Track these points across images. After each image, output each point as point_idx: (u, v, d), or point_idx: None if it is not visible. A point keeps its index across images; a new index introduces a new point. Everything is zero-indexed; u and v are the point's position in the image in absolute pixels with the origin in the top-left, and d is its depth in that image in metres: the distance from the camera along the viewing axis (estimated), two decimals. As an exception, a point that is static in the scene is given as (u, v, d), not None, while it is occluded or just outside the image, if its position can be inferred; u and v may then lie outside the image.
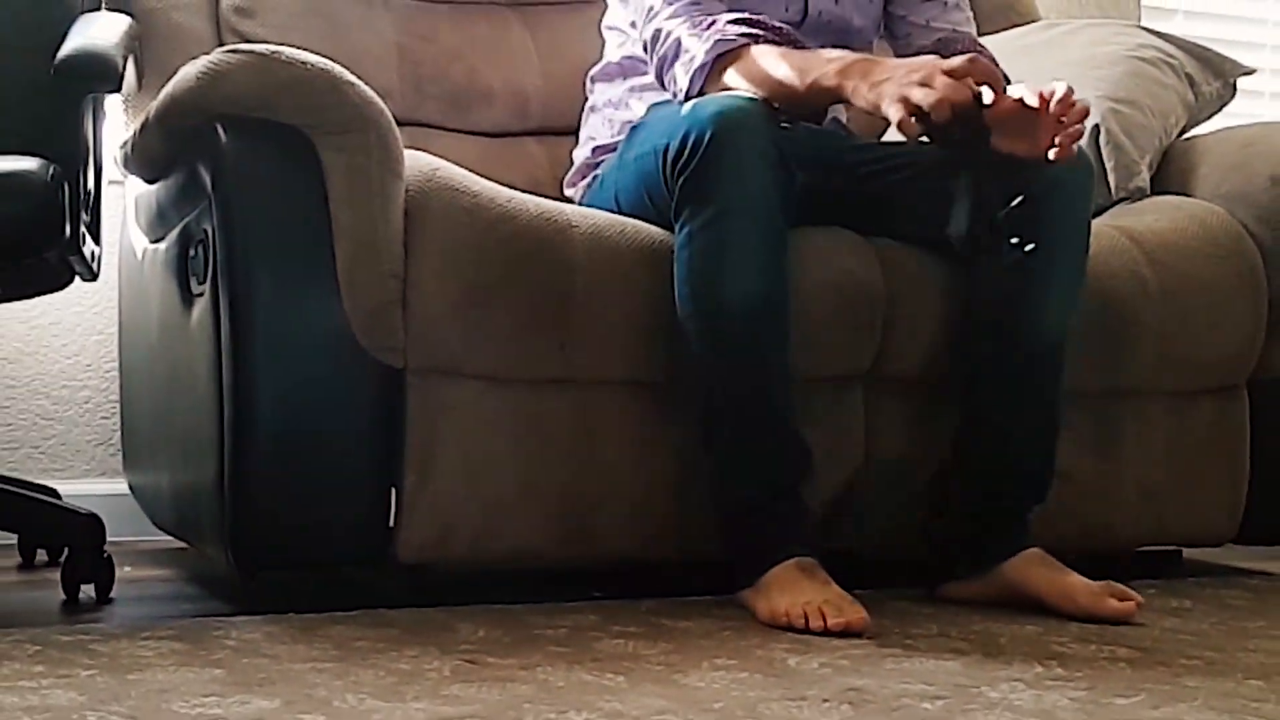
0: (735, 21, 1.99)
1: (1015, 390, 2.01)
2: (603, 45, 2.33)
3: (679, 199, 1.91)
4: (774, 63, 1.95)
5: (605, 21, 2.31)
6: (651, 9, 2.07)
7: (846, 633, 1.75)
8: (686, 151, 1.88)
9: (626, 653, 1.65)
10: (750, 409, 1.91)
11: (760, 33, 1.98)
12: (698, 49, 1.98)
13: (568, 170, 2.36)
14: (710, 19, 2.01)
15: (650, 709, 1.39)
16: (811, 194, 1.96)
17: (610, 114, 2.26)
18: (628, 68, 2.25)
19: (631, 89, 2.23)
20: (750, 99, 1.91)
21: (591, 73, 2.34)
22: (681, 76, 2.00)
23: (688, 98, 1.99)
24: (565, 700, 1.42)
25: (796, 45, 1.99)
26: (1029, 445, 2.04)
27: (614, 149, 2.18)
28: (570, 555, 2.00)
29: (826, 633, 1.76)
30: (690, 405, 1.97)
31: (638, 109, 2.20)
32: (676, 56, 2.01)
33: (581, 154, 2.32)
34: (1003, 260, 1.97)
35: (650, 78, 2.14)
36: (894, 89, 1.81)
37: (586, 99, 2.36)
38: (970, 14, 2.30)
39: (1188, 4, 3.51)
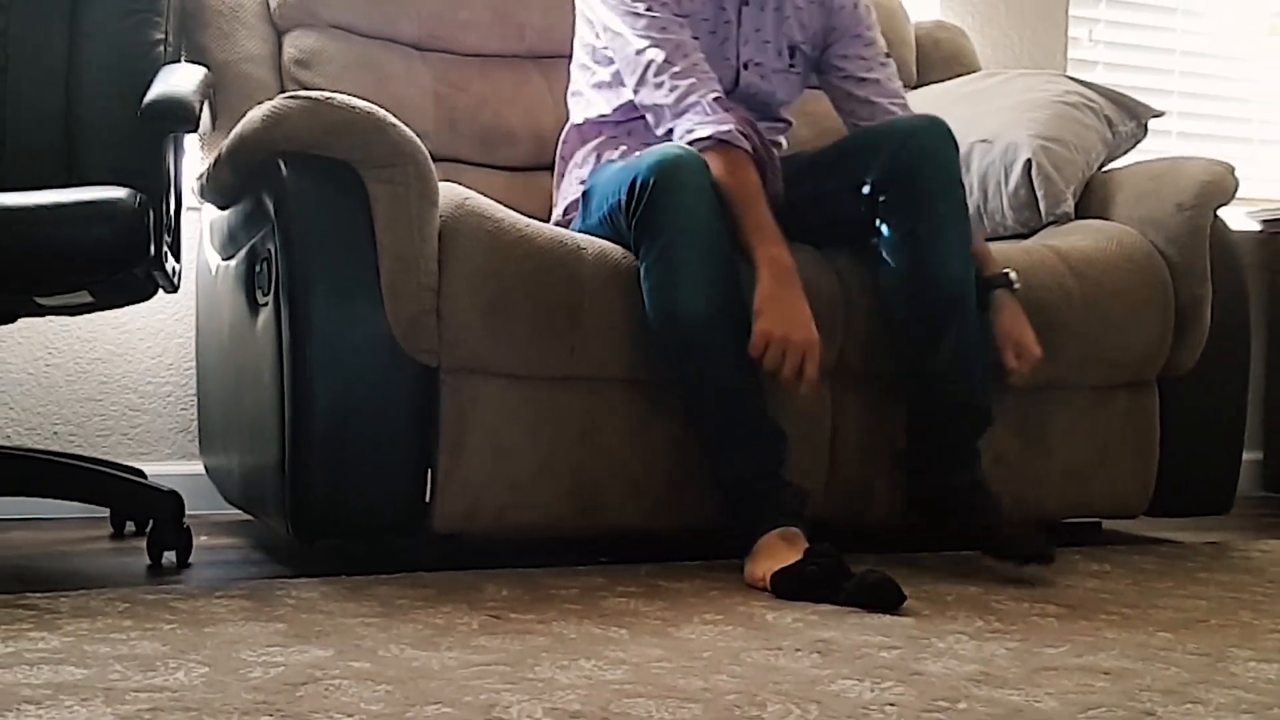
0: (717, 99, 2.01)
1: (936, 339, 2.00)
2: (567, 115, 2.31)
3: (635, 237, 1.93)
4: (734, 184, 1.94)
5: (571, 87, 2.29)
6: (620, 34, 2.08)
7: None
8: (634, 197, 1.91)
9: (628, 609, 1.65)
10: (722, 403, 1.91)
11: (744, 140, 1.98)
12: (704, 125, 1.98)
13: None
14: (704, 92, 2.01)
15: (649, 657, 1.39)
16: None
17: (580, 173, 2.23)
18: (587, 132, 2.24)
19: (586, 154, 2.22)
20: (683, 148, 1.95)
21: (561, 139, 2.31)
22: (680, 132, 2.01)
23: (672, 134, 2.03)
24: (576, 650, 1.42)
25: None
26: (960, 381, 2.02)
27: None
28: (580, 526, 2.00)
29: None
30: (675, 400, 1.97)
31: (593, 167, 2.20)
32: (680, 115, 2.01)
33: (556, 214, 2.28)
34: (896, 235, 1.99)
35: (601, 136, 2.18)
36: (765, 325, 1.85)
37: (555, 163, 2.33)
38: (895, 69, 2.28)
39: (1107, 57, 3.51)
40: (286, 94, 1.88)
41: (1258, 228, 3.55)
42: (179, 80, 1.97)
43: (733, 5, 2.17)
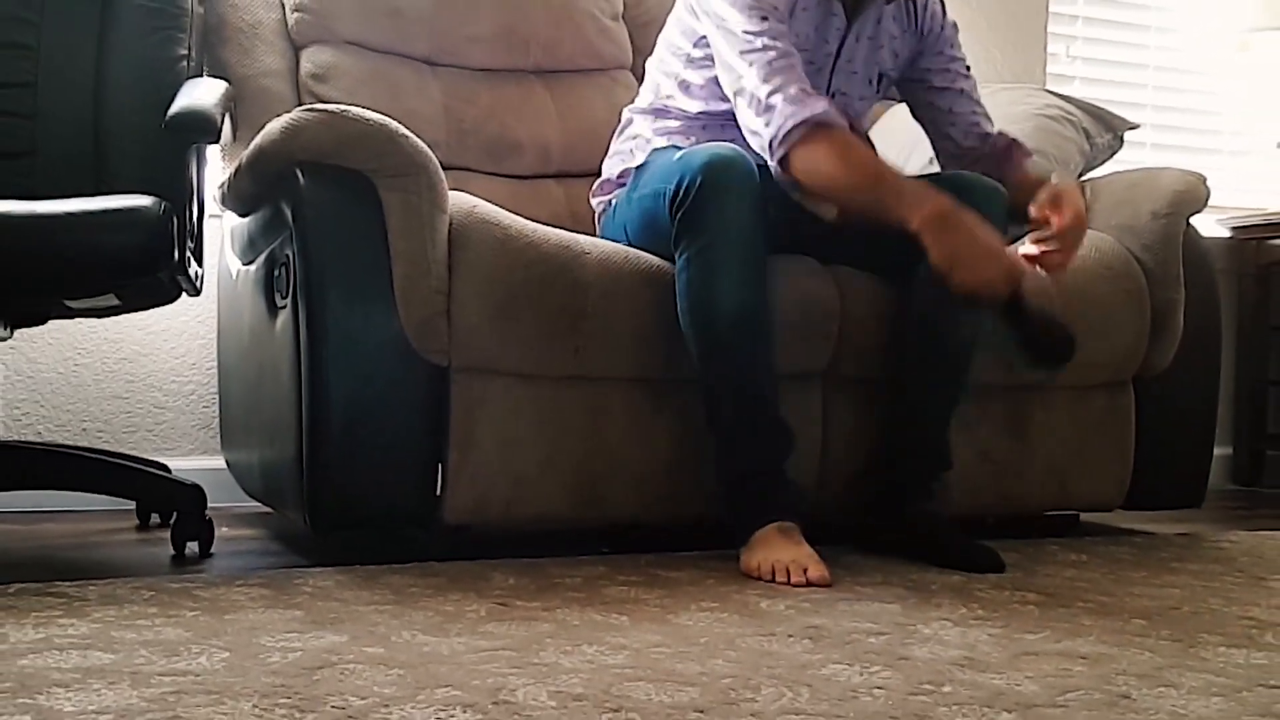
0: (803, 89, 1.89)
1: (937, 383, 2.01)
2: (640, 82, 2.25)
3: (677, 232, 1.89)
4: (847, 165, 1.86)
5: (654, 60, 2.19)
6: (734, 69, 1.94)
7: (809, 585, 1.75)
8: (681, 193, 1.87)
9: (629, 597, 1.65)
10: (743, 401, 1.89)
11: (841, 119, 1.90)
12: (782, 120, 1.87)
13: (596, 180, 2.27)
14: (794, 85, 1.89)
15: (648, 643, 1.39)
16: (780, 227, 1.95)
17: (637, 145, 2.16)
18: (659, 110, 2.16)
19: (656, 130, 2.14)
20: (735, 150, 1.87)
21: (630, 106, 2.24)
22: (765, 131, 1.90)
23: (771, 145, 1.89)
24: (579, 636, 1.42)
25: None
26: (941, 423, 2.04)
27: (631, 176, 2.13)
28: (583, 518, 2.00)
29: (793, 584, 1.75)
30: (684, 396, 1.98)
31: (658, 145, 2.12)
32: (763, 114, 1.90)
33: (610, 167, 2.22)
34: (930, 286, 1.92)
35: (675, 123, 2.10)
36: (963, 272, 1.77)
37: (620, 122, 2.25)
38: (976, 83, 2.21)
39: (1084, 72, 3.51)
40: (304, 107, 1.88)
41: (1228, 234, 3.55)
42: (201, 94, 1.97)
43: (835, 37, 2.07)
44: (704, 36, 2.04)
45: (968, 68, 2.21)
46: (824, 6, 2.05)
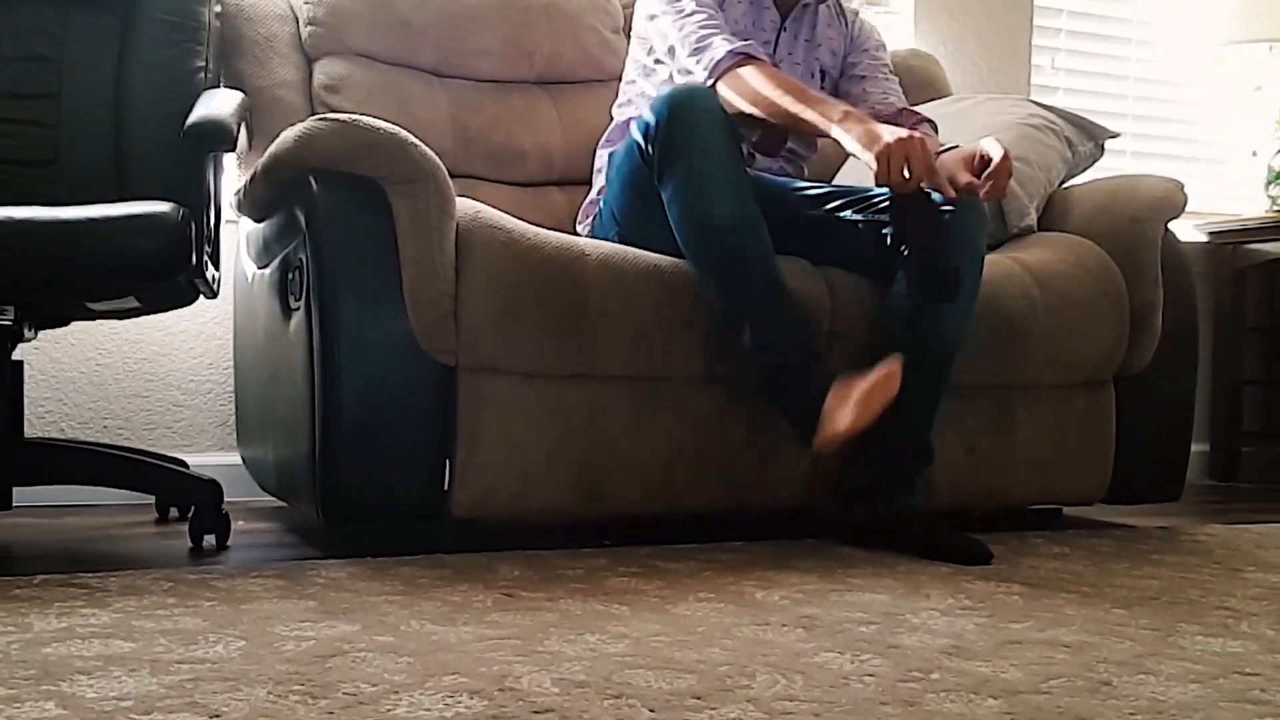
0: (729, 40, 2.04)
1: (923, 382, 2.01)
2: (609, 123, 2.33)
3: (658, 166, 1.94)
4: (775, 83, 1.98)
5: (622, 88, 2.30)
6: (672, 48, 2.10)
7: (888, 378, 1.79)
8: (653, 130, 1.93)
9: (629, 588, 1.65)
10: (760, 296, 1.91)
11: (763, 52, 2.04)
12: (715, 51, 2.02)
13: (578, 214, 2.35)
14: (722, 35, 2.05)
15: (648, 631, 1.39)
16: (773, 229, 1.95)
17: (607, 173, 2.22)
18: (624, 127, 2.23)
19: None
20: (693, 84, 1.98)
21: (600, 142, 2.33)
22: (697, 68, 2.03)
23: (707, 71, 2.03)
24: (582, 625, 1.42)
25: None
26: (924, 419, 2.04)
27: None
28: (585, 512, 2.00)
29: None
30: (682, 393, 1.97)
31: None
32: (699, 51, 2.04)
33: (590, 196, 2.31)
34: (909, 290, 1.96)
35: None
36: (884, 150, 1.83)
37: (594, 164, 2.35)
38: (898, 83, 2.32)
39: (1067, 83, 3.51)
40: (316, 117, 1.88)
41: (1205, 239, 3.55)
42: (218, 104, 1.97)
43: (772, 29, 2.21)
44: (658, 34, 2.14)
45: (889, 69, 2.31)
46: (756, 3, 2.21)
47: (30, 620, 1.38)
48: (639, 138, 1.98)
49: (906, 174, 1.84)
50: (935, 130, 2.18)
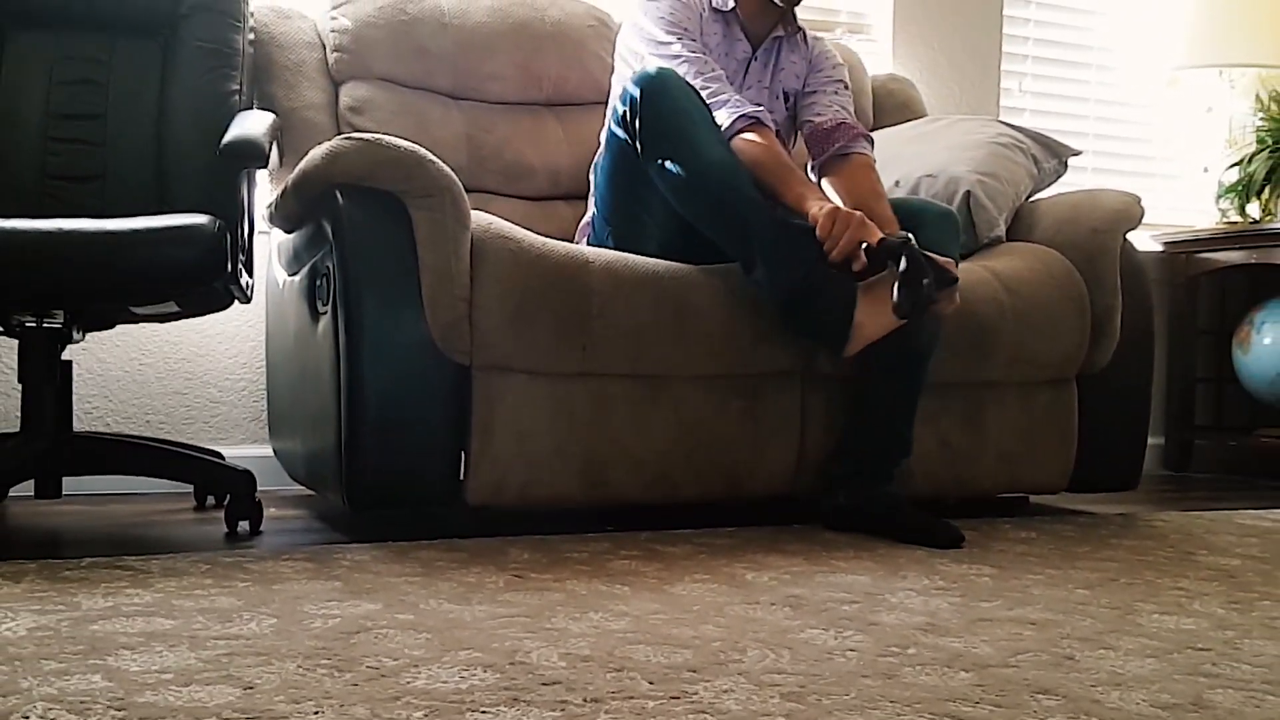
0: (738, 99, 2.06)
1: (900, 383, 2.01)
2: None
3: (643, 142, 1.95)
4: (766, 158, 1.98)
5: (604, 126, 2.27)
6: (648, 44, 2.11)
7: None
8: (630, 112, 1.95)
9: (630, 570, 1.65)
10: (765, 226, 1.91)
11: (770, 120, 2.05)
12: (740, 108, 2.03)
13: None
14: (730, 90, 2.06)
15: (647, 610, 1.39)
16: None
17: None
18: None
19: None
20: (655, 65, 1.99)
21: (590, 167, 2.31)
22: (722, 117, 2.02)
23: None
24: (586, 604, 1.42)
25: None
26: (904, 416, 2.03)
27: None
28: (589, 499, 2.00)
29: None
30: (679, 389, 1.97)
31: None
32: (715, 103, 2.03)
33: (583, 220, 2.28)
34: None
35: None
36: (823, 225, 1.87)
37: (589, 187, 2.33)
38: (850, 99, 2.29)
39: (1033, 105, 3.51)
40: (342, 136, 1.88)
41: (1160, 248, 3.55)
42: (251, 124, 1.97)
43: (743, 59, 2.21)
44: (635, 55, 2.14)
45: (844, 85, 2.28)
46: (728, 32, 2.21)
47: (79, 600, 1.38)
48: (617, 129, 1.99)
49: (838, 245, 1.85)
50: (871, 145, 2.17)
